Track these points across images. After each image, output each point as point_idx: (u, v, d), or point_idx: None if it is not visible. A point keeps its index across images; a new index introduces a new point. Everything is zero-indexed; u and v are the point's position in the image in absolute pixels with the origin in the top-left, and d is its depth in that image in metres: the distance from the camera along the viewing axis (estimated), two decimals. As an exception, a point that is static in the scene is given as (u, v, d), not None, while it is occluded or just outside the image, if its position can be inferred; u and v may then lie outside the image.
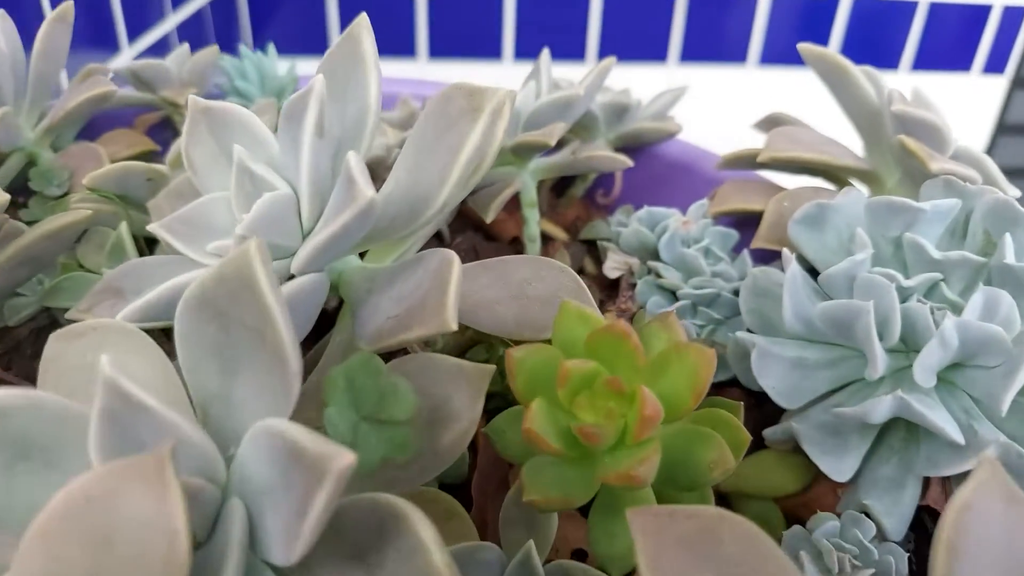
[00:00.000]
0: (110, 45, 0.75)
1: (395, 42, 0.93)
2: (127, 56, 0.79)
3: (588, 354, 0.19)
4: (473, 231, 0.41)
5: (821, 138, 0.33)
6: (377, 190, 0.22)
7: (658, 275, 0.32)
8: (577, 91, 0.32)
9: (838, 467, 0.24)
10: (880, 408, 0.22)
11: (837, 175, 0.35)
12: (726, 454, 0.19)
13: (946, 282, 0.26)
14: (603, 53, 0.95)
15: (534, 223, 0.37)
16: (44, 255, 0.30)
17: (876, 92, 0.33)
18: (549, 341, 0.22)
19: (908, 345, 0.26)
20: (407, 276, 0.22)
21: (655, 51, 0.95)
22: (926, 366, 0.23)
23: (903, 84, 0.33)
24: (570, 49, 0.95)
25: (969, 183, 0.28)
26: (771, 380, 0.25)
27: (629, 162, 0.34)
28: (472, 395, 0.20)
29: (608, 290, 0.40)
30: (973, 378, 0.24)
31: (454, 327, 0.19)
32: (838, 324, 0.25)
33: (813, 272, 0.29)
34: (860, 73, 0.32)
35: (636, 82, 0.95)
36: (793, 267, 0.26)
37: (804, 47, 0.33)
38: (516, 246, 0.40)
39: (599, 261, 0.40)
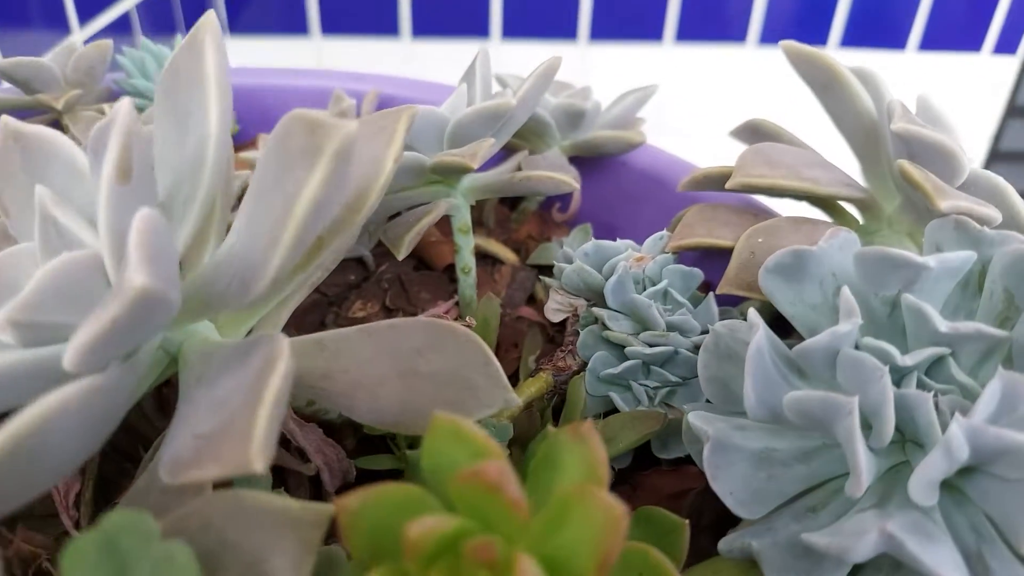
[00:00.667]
0: (59, 26, 0.69)
1: (377, 19, 0.88)
2: (78, 39, 0.72)
3: (458, 503, 0.14)
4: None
5: (806, 158, 0.27)
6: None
7: (604, 325, 0.26)
8: (508, 101, 0.27)
9: (809, 603, 0.19)
10: (862, 546, 0.17)
11: (826, 201, 0.29)
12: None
13: (955, 356, 0.21)
14: (595, 31, 0.90)
15: (468, 252, 0.31)
16: None
17: (874, 102, 0.27)
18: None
19: (905, 435, 0.20)
20: (235, 368, 0.17)
21: (650, 29, 0.90)
22: (926, 481, 0.18)
23: (910, 65, 0.27)
24: (560, 27, 0.90)
25: (987, 224, 0.23)
26: (728, 483, 0.20)
27: (575, 185, 0.28)
28: (299, 552, 0.14)
29: (560, 326, 0.34)
30: (987, 489, 0.19)
31: (259, 468, 0.13)
32: (812, 419, 0.19)
33: (790, 327, 0.24)
34: (855, 80, 0.27)
35: (630, 63, 0.89)
36: (758, 338, 0.20)
37: (787, 45, 0.27)
38: (452, 274, 0.35)
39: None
